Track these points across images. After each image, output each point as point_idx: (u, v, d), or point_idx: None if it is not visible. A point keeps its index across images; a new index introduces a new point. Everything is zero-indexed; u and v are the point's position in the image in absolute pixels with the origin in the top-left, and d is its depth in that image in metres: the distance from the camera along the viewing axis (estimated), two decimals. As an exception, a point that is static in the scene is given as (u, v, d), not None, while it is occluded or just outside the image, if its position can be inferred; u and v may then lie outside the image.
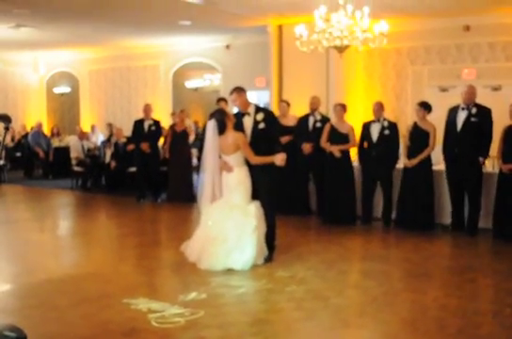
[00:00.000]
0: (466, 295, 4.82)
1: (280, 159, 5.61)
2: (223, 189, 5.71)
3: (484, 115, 7.13)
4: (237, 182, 5.67)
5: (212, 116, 5.76)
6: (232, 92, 5.92)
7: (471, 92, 7.19)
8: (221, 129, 5.65)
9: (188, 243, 5.70)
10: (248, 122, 5.87)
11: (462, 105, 7.23)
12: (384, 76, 10.98)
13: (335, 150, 7.81)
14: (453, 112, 7.35)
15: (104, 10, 10.03)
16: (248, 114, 5.89)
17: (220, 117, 5.68)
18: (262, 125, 5.82)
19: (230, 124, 5.70)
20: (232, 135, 5.66)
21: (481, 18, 9.71)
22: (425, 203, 7.40)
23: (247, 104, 5.93)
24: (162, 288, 5.25)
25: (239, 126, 5.83)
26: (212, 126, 5.66)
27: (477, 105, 7.17)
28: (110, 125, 13.25)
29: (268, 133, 5.84)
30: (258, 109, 5.93)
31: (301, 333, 3.94)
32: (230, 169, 5.68)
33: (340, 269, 5.63)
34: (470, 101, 7.17)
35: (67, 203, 10.76)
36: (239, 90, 5.91)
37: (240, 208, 5.57)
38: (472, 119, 7.12)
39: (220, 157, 5.73)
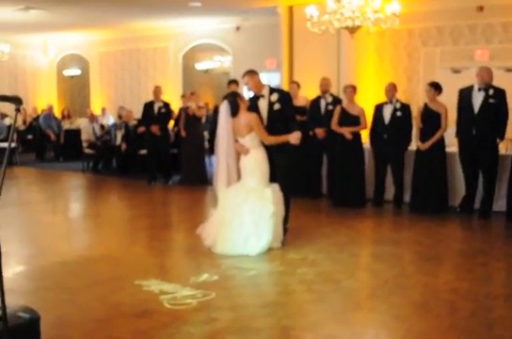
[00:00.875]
0: (478, 278, 4.81)
1: (294, 138, 5.54)
2: (241, 172, 5.64)
3: (500, 96, 7.04)
4: (254, 164, 5.60)
5: (225, 98, 5.72)
6: (244, 75, 5.87)
7: (482, 74, 7.09)
8: (234, 111, 5.60)
9: (204, 226, 5.69)
10: (263, 104, 5.82)
11: (478, 86, 7.12)
12: (396, 58, 10.85)
13: (346, 132, 7.77)
14: (466, 93, 7.24)
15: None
16: (263, 96, 5.85)
17: (233, 98, 5.63)
18: (277, 106, 5.78)
19: (243, 106, 5.64)
20: (244, 116, 5.60)
21: (495, -2, 9.55)
22: (439, 186, 7.35)
23: (260, 86, 5.87)
24: (173, 270, 5.28)
25: (254, 109, 5.79)
26: (225, 108, 5.62)
27: (493, 87, 7.07)
28: (122, 108, 13.24)
29: (284, 113, 5.79)
30: (272, 90, 5.87)
31: (313, 315, 3.95)
32: (246, 152, 5.62)
33: (351, 252, 5.63)
34: (483, 82, 7.07)
35: (78, 186, 10.82)
36: (251, 73, 5.86)
37: (257, 192, 5.49)
38: (491, 100, 7.02)
39: (236, 140, 5.69)
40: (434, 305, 4.14)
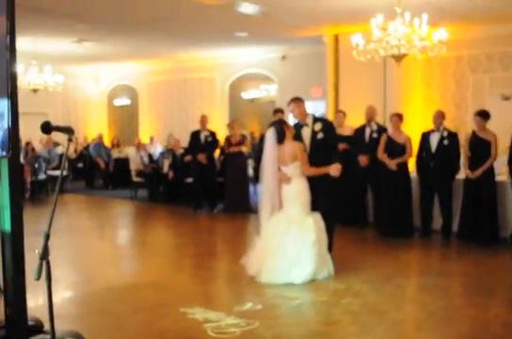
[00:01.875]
0: (530, 311, 4.64)
1: (335, 169, 5.56)
2: (283, 201, 5.67)
3: None
4: (296, 193, 5.62)
5: (271, 125, 5.78)
6: (289, 103, 5.92)
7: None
8: (280, 138, 5.64)
9: (248, 255, 5.69)
10: (306, 133, 5.86)
11: None
12: (443, 85, 10.76)
13: (392, 164, 7.69)
14: None
15: (161, 24, 10.28)
16: (307, 124, 5.88)
17: (280, 126, 5.69)
18: (320, 135, 5.81)
19: (289, 134, 5.69)
20: (290, 144, 5.64)
21: (544, 23, 9.40)
22: (489, 216, 7.16)
23: (305, 114, 5.92)
24: (218, 298, 5.29)
25: (298, 137, 5.83)
26: (271, 135, 5.67)
27: None
28: (171, 136, 13.50)
29: (327, 143, 5.80)
30: (316, 119, 5.92)
31: (357, 347, 3.88)
32: (288, 180, 5.65)
33: (396, 283, 5.51)
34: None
35: (126, 213, 11.01)
36: (297, 101, 5.90)
37: (298, 221, 5.50)
38: None
39: (279, 169, 5.72)
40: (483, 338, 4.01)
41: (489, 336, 4.07)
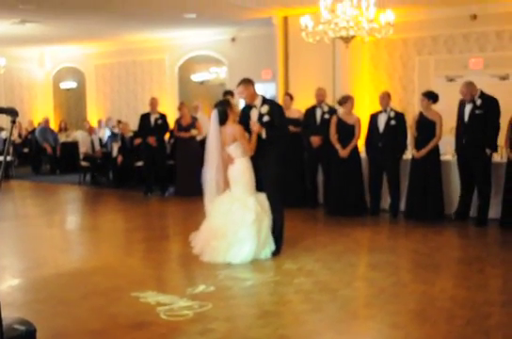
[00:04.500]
0: (474, 285, 4.80)
1: (253, 125, 5.64)
2: (229, 181, 5.70)
3: (490, 106, 7.08)
4: (238, 173, 5.66)
5: (215, 106, 5.76)
6: (238, 84, 5.85)
7: (463, 90, 7.17)
8: (222, 119, 5.64)
9: (196, 234, 5.75)
10: (254, 115, 5.83)
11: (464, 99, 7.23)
12: (390, 67, 10.90)
13: (344, 152, 7.77)
14: (462, 103, 7.32)
15: (108, 5, 10.02)
16: (255, 106, 5.85)
17: (222, 108, 5.67)
18: (266, 118, 5.76)
19: (232, 116, 5.68)
20: (231, 127, 5.65)
21: (488, 7, 9.60)
22: (434, 194, 7.36)
23: (253, 96, 5.85)
24: (170, 281, 5.26)
25: (246, 119, 5.81)
26: (214, 117, 5.66)
27: (483, 97, 7.12)
28: (119, 122, 13.26)
29: (273, 125, 5.79)
30: (264, 101, 5.86)
31: (309, 325, 3.94)
32: (232, 161, 5.69)
33: (348, 261, 5.62)
34: (466, 97, 7.14)
35: (74, 198, 10.81)
36: (246, 82, 5.83)
37: (240, 201, 5.56)
38: (477, 111, 7.09)
39: (224, 150, 5.72)
40: (431, 313, 4.13)
41: (437, 310, 4.20)
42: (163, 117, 10.20)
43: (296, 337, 3.74)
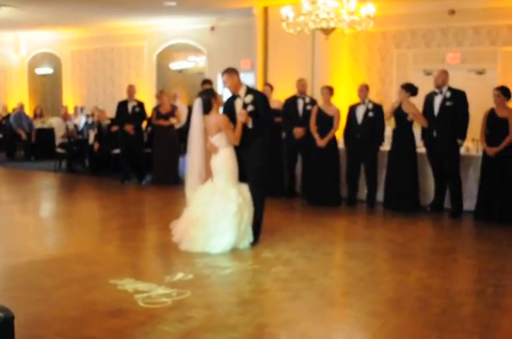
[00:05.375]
0: (449, 275, 4.89)
1: (239, 115, 5.60)
2: (212, 171, 5.68)
3: (459, 97, 7.19)
4: (221, 163, 5.64)
5: (199, 95, 5.72)
6: (223, 73, 5.81)
7: (437, 76, 7.30)
8: (206, 109, 5.61)
9: (176, 222, 5.72)
10: (238, 105, 5.80)
11: (436, 90, 7.32)
12: (369, 60, 10.95)
13: (322, 143, 7.82)
14: (429, 97, 7.43)
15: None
16: (239, 96, 5.82)
17: (207, 97, 5.64)
18: (250, 108, 5.73)
19: (216, 105, 5.66)
20: (215, 117, 5.63)
21: (466, 2, 9.68)
22: (410, 186, 7.46)
23: (238, 85, 5.81)
24: (148, 269, 5.25)
25: (230, 108, 5.78)
26: (198, 106, 5.63)
27: (451, 90, 7.24)
28: (96, 109, 13.09)
29: (258, 115, 5.77)
30: (248, 91, 5.82)
31: (287, 313, 3.97)
32: (215, 151, 5.65)
33: (325, 250, 5.67)
34: (438, 84, 7.26)
35: (50, 185, 10.67)
36: (230, 71, 5.79)
37: (222, 192, 5.53)
38: (448, 103, 7.20)
39: (208, 139, 5.69)
40: (407, 302, 4.20)
41: (412, 299, 4.27)
42: (140, 105, 10.12)
43: (274, 325, 3.77)
